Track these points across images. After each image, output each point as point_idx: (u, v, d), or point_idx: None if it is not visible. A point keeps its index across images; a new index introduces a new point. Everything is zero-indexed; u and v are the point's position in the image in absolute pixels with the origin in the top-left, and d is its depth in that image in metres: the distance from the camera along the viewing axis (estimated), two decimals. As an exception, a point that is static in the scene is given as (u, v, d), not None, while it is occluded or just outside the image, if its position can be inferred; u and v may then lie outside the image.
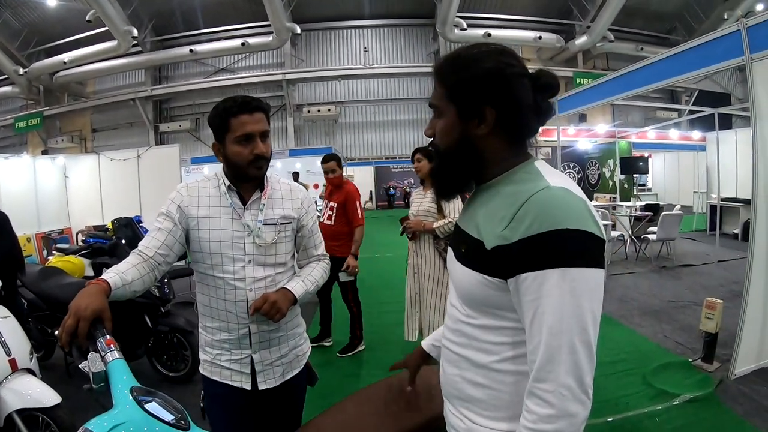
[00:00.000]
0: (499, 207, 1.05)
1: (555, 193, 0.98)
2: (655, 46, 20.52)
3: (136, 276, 1.61)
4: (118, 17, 17.19)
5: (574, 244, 0.94)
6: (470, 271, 1.10)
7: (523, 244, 0.95)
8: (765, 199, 3.80)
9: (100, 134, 24.16)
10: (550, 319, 0.93)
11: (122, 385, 1.14)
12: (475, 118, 1.09)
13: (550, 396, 0.93)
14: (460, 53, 1.12)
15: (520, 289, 0.98)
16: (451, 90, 1.11)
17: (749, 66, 3.74)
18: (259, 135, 1.76)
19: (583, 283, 0.93)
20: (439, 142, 1.17)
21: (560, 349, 0.93)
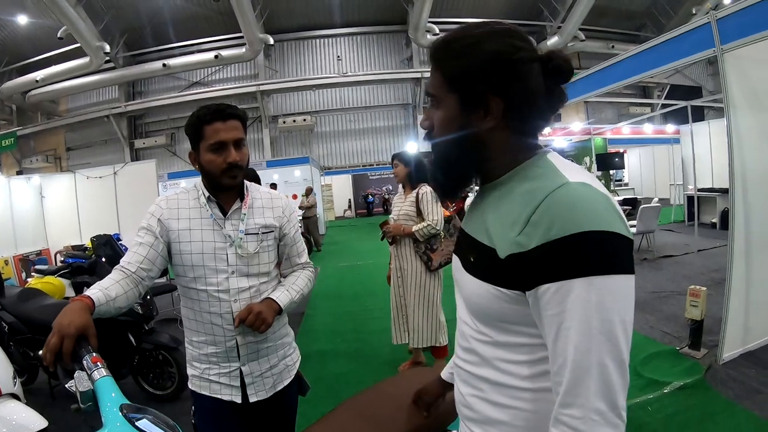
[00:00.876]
0: (511, 209, 0.94)
1: (575, 190, 0.87)
2: (626, 43, 20.84)
3: (120, 292, 1.58)
4: (90, 33, 16.98)
5: (599, 248, 0.82)
6: (482, 282, 0.98)
7: (541, 251, 0.84)
8: (742, 187, 3.86)
9: (74, 153, 23.77)
10: (575, 336, 0.82)
11: (111, 403, 1.11)
12: (479, 109, 0.97)
13: (578, 423, 0.82)
14: (459, 35, 0.99)
15: (541, 302, 0.86)
16: (451, 77, 0.99)
17: (721, 57, 3.81)
18: (233, 143, 1.73)
19: (612, 292, 0.82)
20: (438, 136, 1.05)
21: (589, 369, 0.81)
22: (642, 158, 20.83)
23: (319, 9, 21.68)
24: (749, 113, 3.96)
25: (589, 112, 22.91)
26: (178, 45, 21.53)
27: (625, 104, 22.97)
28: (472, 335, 1.07)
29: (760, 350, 4.05)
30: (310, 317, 6.36)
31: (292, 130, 22.99)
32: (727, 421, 3.14)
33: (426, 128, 1.09)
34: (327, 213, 20.58)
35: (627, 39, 22.18)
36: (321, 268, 9.88)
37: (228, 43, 20.99)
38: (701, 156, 11.29)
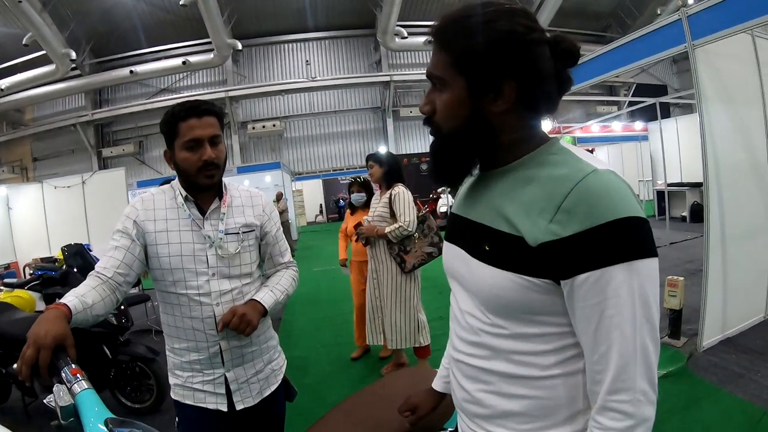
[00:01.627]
0: (535, 196, 0.91)
1: (606, 178, 0.86)
2: (592, 44, 21.16)
3: (97, 299, 1.48)
4: (56, 40, 16.59)
5: (636, 233, 0.82)
6: (503, 272, 0.93)
7: (580, 238, 0.82)
8: (715, 179, 3.95)
9: (41, 163, 23.11)
10: (621, 322, 0.83)
11: (95, 417, 1.01)
12: (490, 93, 0.93)
13: (627, 406, 0.84)
14: (468, 12, 0.93)
15: (578, 292, 0.85)
16: (459, 58, 0.93)
17: (692, 53, 3.90)
18: (208, 140, 1.65)
19: (648, 275, 0.84)
20: (442, 121, 0.99)
21: (635, 353, 0.83)
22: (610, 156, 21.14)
23: (287, 13, 21.55)
24: (720, 107, 4.07)
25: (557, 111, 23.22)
26: (145, 51, 21.14)
27: (593, 103, 23.36)
28: (483, 329, 1.02)
29: (738, 336, 4.16)
30: (288, 323, 6.31)
31: (261, 135, 22.82)
32: (713, 405, 3.21)
33: (426, 113, 1.02)
34: (299, 218, 20.51)
35: (593, 39, 22.50)
36: (295, 274, 9.81)
37: (196, 48, 20.73)
38: (669, 152, 11.56)
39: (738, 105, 4.22)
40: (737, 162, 4.17)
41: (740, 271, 4.18)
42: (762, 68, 4.34)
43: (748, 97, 4.31)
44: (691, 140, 10.92)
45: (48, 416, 3.99)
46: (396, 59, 23.14)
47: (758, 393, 3.26)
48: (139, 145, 22.83)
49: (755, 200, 4.33)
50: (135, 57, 21.18)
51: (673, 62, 24.29)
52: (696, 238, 8.58)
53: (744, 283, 4.27)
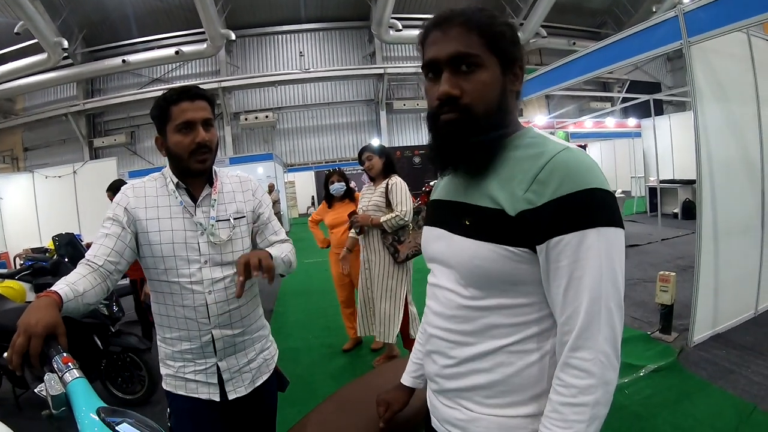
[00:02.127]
0: (513, 171, 0.99)
1: (578, 153, 0.95)
2: (587, 40, 21.31)
3: (88, 287, 1.46)
4: (48, 29, 16.41)
5: (605, 203, 0.91)
6: (484, 243, 0.99)
7: (553, 205, 0.90)
8: (708, 176, 3.98)
9: (32, 153, 22.92)
10: (589, 282, 0.89)
11: (87, 407, 1.00)
12: (512, 74, 1.05)
13: (589, 365, 0.89)
14: (479, 6, 1.04)
15: (551, 254, 0.92)
16: (492, 40, 1.00)
17: (687, 50, 3.91)
18: (201, 122, 1.64)
19: (615, 242, 0.91)
20: (477, 101, 1.00)
21: (599, 314, 0.89)
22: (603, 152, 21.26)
23: (281, 4, 21.50)
24: (715, 104, 4.09)
25: (550, 106, 23.28)
26: (138, 41, 21.02)
27: (586, 99, 23.44)
28: (461, 302, 1.07)
29: (729, 332, 4.20)
30: (280, 314, 6.32)
31: (254, 126, 22.76)
32: (703, 400, 3.24)
33: (457, 95, 1.01)
34: (290, 210, 20.43)
35: (588, 36, 22.68)
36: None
37: (189, 38, 20.64)
38: (662, 149, 11.64)
39: (732, 103, 4.24)
40: (730, 159, 4.20)
41: (731, 268, 4.22)
42: (757, 67, 4.36)
43: (743, 96, 4.33)
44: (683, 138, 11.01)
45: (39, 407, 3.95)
46: (390, 52, 23.13)
47: (748, 388, 3.30)
48: (131, 136, 22.70)
49: (747, 198, 4.36)
50: (127, 46, 21.04)
51: (668, 60, 24.44)
52: (687, 234, 8.67)
53: (735, 280, 4.31)
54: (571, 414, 0.91)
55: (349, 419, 1.54)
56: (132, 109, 21.82)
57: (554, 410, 0.94)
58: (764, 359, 3.68)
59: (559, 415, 0.93)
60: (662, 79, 24.82)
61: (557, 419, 0.93)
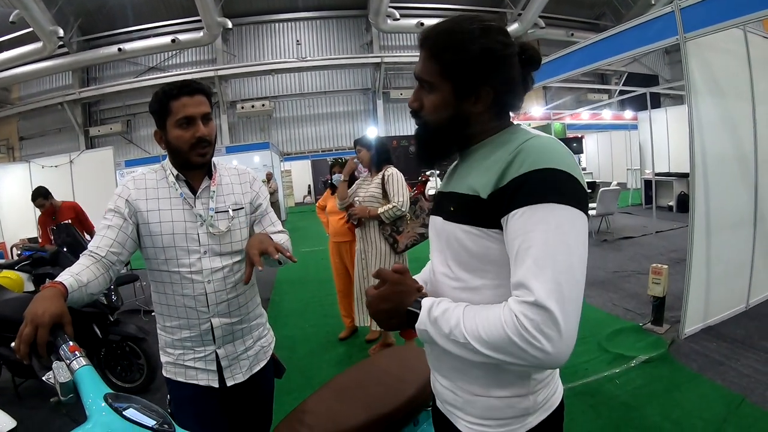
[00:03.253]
0: (490, 160, 1.07)
1: (546, 139, 1.03)
2: (585, 31, 21.25)
3: (92, 277, 1.51)
4: (43, 17, 16.23)
5: (561, 182, 0.96)
6: (464, 226, 1.08)
7: (514, 183, 0.97)
8: (702, 170, 4.02)
9: (28, 142, 22.73)
10: (535, 252, 0.92)
11: (94, 393, 1.05)
12: (471, 96, 1.10)
13: (511, 302, 0.94)
14: (455, 27, 1.09)
15: (509, 228, 0.98)
16: (447, 67, 1.09)
17: (683, 45, 3.94)
18: (201, 117, 1.69)
19: (570, 221, 0.94)
20: (429, 117, 1.15)
21: (544, 266, 0.91)
22: (600, 143, 21.30)
23: (278, -8, 21.39)
24: (710, 99, 4.12)
25: (547, 97, 23.25)
26: (134, 29, 20.82)
27: (584, 90, 23.41)
28: (448, 283, 1.16)
29: (720, 325, 4.26)
30: (277, 303, 6.37)
31: (250, 115, 22.63)
32: (693, 391, 3.30)
33: (415, 109, 1.18)
34: (287, 199, 20.43)
35: (586, 27, 22.59)
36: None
37: (185, 27, 20.44)
38: (658, 141, 11.66)
39: (727, 98, 4.27)
40: (724, 154, 4.24)
41: (723, 262, 4.27)
42: (752, 63, 4.39)
43: (738, 92, 4.36)
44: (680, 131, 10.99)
45: (39, 396, 4.05)
46: (387, 41, 22.99)
47: (737, 380, 3.36)
48: (127, 124, 22.53)
49: (740, 192, 4.41)
50: (123, 35, 20.82)
51: (666, 53, 24.37)
52: (682, 227, 8.70)
53: (727, 273, 4.36)
54: (453, 320, 1.00)
55: (345, 406, 1.58)
56: (128, 97, 21.68)
57: (468, 308, 1.01)
58: (754, 352, 3.75)
59: (458, 311, 1.01)
60: (660, 71, 24.78)
61: (454, 309, 1.02)
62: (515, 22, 20.83)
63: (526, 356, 0.90)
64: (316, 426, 1.50)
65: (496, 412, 1.11)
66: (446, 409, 1.23)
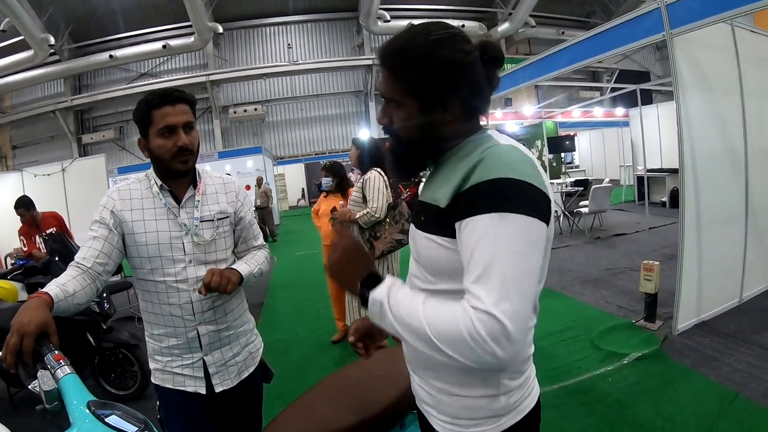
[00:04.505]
0: (453, 171, 1.07)
1: (501, 148, 1.03)
2: (576, 29, 21.27)
3: (78, 287, 1.53)
4: (34, 25, 16.16)
5: (512, 191, 0.95)
6: (430, 236, 1.10)
7: (469, 192, 0.98)
8: (691, 165, 4.03)
9: (21, 150, 22.64)
10: (484, 261, 0.92)
11: (78, 400, 1.07)
12: (439, 108, 1.10)
13: (463, 304, 0.93)
14: (410, 43, 1.09)
15: (462, 237, 0.99)
16: (409, 85, 1.09)
17: (670, 41, 3.95)
18: (182, 126, 1.70)
19: (522, 230, 0.94)
20: (400, 132, 1.16)
21: (491, 269, 0.91)
22: (592, 141, 21.39)
23: (268, -4, 21.37)
24: (698, 95, 4.13)
25: (539, 96, 23.30)
26: (125, 35, 20.80)
27: (575, 88, 23.49)
28: (422, 287, 1.17)
29: (713, 320, 4.27)
30: (270, 307, 6.37)
31: (243, 120, 22.63)
32: (686, 387, 3.30)
33: (385, 124, 1.19)
34: (281, 203, 20.41)
35: (577, 25, 22.65)
36: (278, 258, 9.88)
37: (176, 32, 20.43)
38: (650, 138, 11.68)
39: (715, 94, 4.29)
40: (713, 149, 4.25)
41: (715, 257, 4.28)
42: (740, 58, 4.40)
43: (726, 87, 4.37)
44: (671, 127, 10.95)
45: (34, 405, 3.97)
46: (378, 43, 22.89)
47: (731, 375, 3.36)
48: (120, 131, 22.51)
49: (731, 187, 4.42)
50: (114, 41, 20.80)
51: (657, 49, 24.47)
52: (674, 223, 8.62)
53: (719, 269, 4.37)
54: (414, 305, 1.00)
55: (332, 409, 1.58)
56: (120, 104, 21.58)
57: (428, 299, 1.01)
58: (748, 347, 3.75)
59: (418, 298, 1.02)
60: (651, 68, 24.88)
61: (415, 295, 1.04)
62: (506, 22, 20.91)
63: (476, 358, 0.90)
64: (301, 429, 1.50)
65: (468, 412, 1.13)
66: (423, 408, 1.25)
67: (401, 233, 3.84)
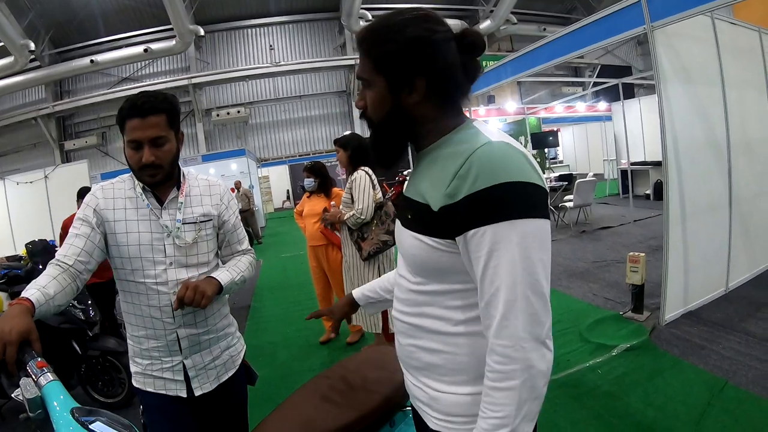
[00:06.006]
0: (441, 168, 1.06)
1: (496, 148, 1.00)
2: (557, 26, 21.38)
3: (58, 289, 1.49)
4: (14, 31, 15.96)
5: (519, 196, 0.95)
6: (418, 235, 1.10)
7: (468, 200, 0.96)
8: (674, 157, 4.06)
9: (2, 159, 22.21)
10: (502, 273, 0.95)
11: (61, 408, 1.06)
12: (405, 87, 1.09)
13: (510, 351, 0.95)
14: (383, 22, 1.11)
15: (470, 246, 0.99)
16: (377, 62, 1.10)
17: (651, 34, 3.98)
18: (149, 142, 1.65)
19: (531, 233, 0.95)
20: (372, 114, 1.17)
21: (515, 302, 0.94)
22: (575, 136, 21.54)
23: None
24: (680, 87, 4.17)
25: (522, 92, 23.41)
26: (106, 40, 20.57)
27: (558, 84, 23.62)
28: (410, 287, 1.19)
29: (699, 309, 4.30)
30: (257, 309, 6.35)
31: (226, 122, 22.42)
32: (676, 376, 3.33)
33: (360, 107, 1.19)
34: (266, 205, 20.33)
35: (558, 21, 22.77)
36: (264, 260, 9.85)
37: (157, 36, 20.26)
38: (633, 131, 11.83)
39: (697, 85, 4.32)
40: (696, 141, 4.29)
41: (700, 247, 4.32)
42: (721, 50, 4.45)
43: (707, 78, 4.41)
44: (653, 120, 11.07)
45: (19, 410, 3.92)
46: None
47: (719, 364, 3.40)
48: (102, 137, 22.22)
49: (714, 177, 4.45)
50: (95, 46, 20.58)
51: (638, 44, 24.70)
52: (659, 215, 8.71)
53: (704, 258, 4.41)
54: (500, 398, 0.96)
55: (321, 409, 1.57)
56: (102, 109, 21.37)
57: (486, 394, 1.00)
58: (735, 334, 3.79)
59: (491, 398, 0.98)
60: (633, 62, 25.10)
61: (489, 402, 0.99)
62: (487, 19, 20.98)
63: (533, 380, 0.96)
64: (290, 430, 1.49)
65: (462, 409, 1.12)
66: (417, 406, 1.25)
67: (387, 234, 3.82)
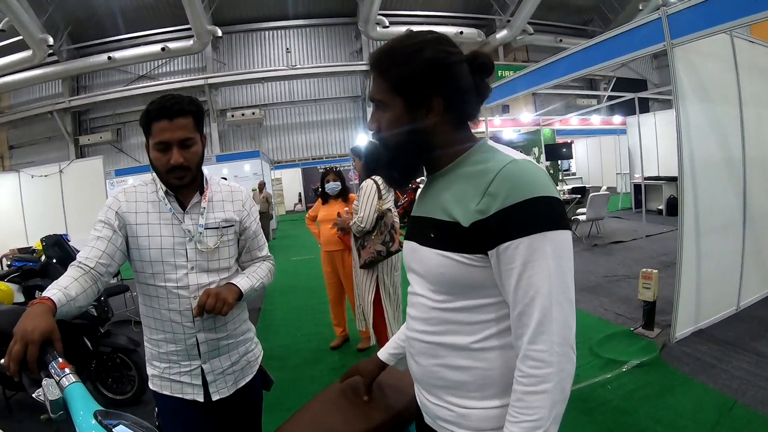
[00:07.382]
0: (467, 187, 1.09)
1: (523, 165, 1.04)
2: (574, 37, 21.44)
3: (80, 290, 1.49)
4: (33, 25, 16.14)
5: (548, 209, 1.01)
6: (446, 253, 1.11)
7: (501, 215, 1.00)
8: (690, 174, 4.04)
9: (17, 151, 22.58)
10: (537, 281, 0.99)
11: (84, 410, 1.04)
12: (422, 108, 1.12)
13: (545, 355, 0.99)
14: (398, 45, 1.14)
15: (502, 258, 1.02)
16: (396, 83, 1.13)
17: (670, 51, 3.97)
18: (177, 143, 1.65)
19: (561, 244, 1.01)
20: (388, 135, 1.18)
21: (551, 309, 0.99)
22: (589, 148, 21.43)
23: (268, 0, 21.37)
24: (697, 103, 4.16)
25: (537, 103, 23.37)
26: (124, 37, 20.79)
27: (573, 96, 23.56)
28: (432, 305, 1.18)
29: (711, 327, 4.28)
30: (268, 312, 6.34)
31: (240, 123, 22.59)
32: (686, 394, 3.31)
33: (373, 130, 1.22)
34: (278, 207, 20.38)
35: (575, 33, 22.81)
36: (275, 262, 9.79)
37: (175, 35, 20.46)
38: (647, 146, 11.76)
39: (715, 103, 4.32)
40: (712, 158, 4.27)
41: (713, 264, 4.30)
42: (740, 68, 4.44)
43: (725, 96, 4.40)
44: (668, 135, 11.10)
45: (29, 409, 3.99)
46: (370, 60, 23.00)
47: (729, 383, 3.38)
48: (117, 133, 22.45)
49: (729, 195, 4.44)
50: (113, 43, 20.79)
51: (654, 57, 24.61)
52: (671, 231, 8.74)
53: (717, 276, 4.38)
54: (534, 401, 1.00)
55: (332, 420, 1.56)
56: (118, 106, 21.62)
57: (519, 399, 1.02)
58: (746, 354, 3.77)
59: (524, 403, 1.01)
60: (648, 76, 25.03)
61: (522, 407, 1.02)
62: (504, 29, 21.01)
63: (563, 383, 1.02)
64: None
65: (492, 422, 1.13)
66: (438, 425, 1.23)
67: (381, 245, 3.82)
